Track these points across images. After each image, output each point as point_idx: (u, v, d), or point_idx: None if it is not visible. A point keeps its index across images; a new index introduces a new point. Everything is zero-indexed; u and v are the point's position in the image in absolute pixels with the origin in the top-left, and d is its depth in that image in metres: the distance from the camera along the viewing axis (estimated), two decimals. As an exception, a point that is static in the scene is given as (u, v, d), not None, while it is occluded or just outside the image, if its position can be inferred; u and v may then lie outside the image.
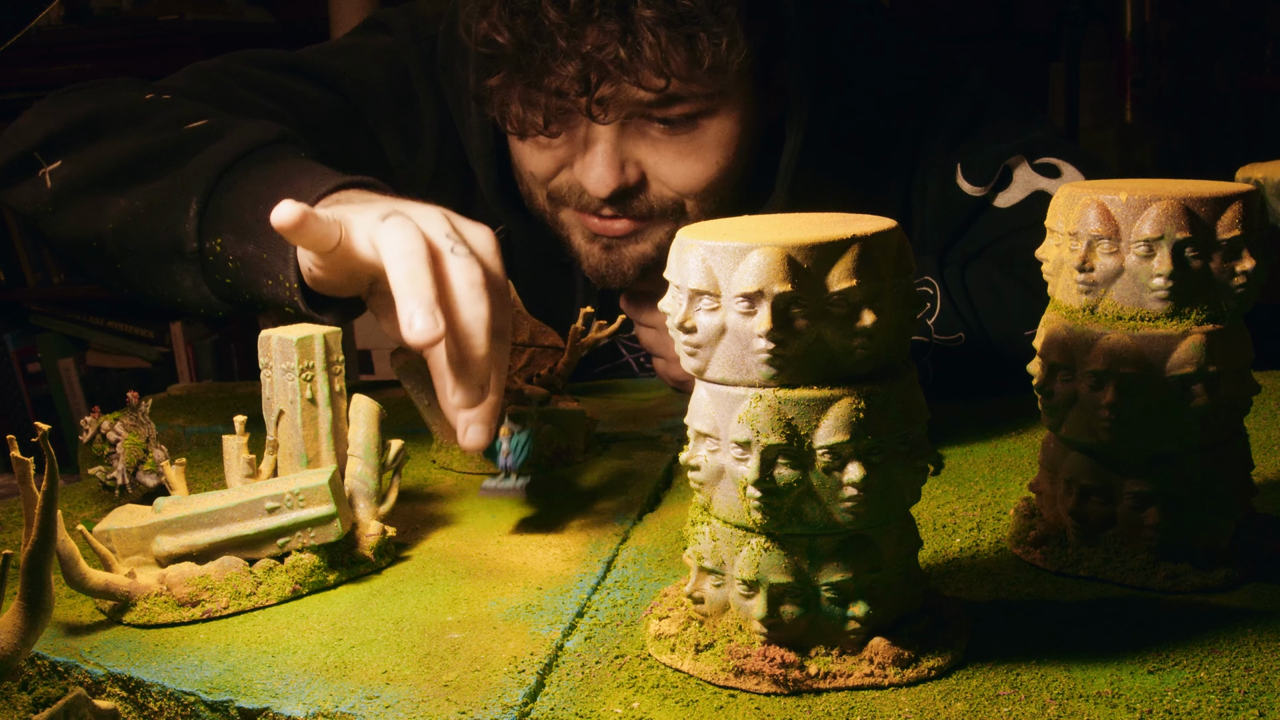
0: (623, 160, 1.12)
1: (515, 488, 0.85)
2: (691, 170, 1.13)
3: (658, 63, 1.04)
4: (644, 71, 1.04)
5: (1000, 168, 1.24)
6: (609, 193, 1.12)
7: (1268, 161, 0.83)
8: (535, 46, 1.04)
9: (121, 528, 0.81)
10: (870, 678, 0.66)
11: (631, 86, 1.05)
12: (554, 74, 1.05)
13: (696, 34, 1.03)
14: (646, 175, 1.14)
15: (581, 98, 1.06)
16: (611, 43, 1.02)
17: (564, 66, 1.04)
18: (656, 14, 1.02)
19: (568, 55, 1.04)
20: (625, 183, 1.12)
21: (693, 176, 1.14)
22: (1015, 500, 0.89)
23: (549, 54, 1.04)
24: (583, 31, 1.03)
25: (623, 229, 1.16)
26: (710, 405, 0.66)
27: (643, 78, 1.05)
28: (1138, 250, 0.74)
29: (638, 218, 1.16)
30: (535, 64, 1.05)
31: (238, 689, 0.68)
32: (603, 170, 1.11)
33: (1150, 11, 2.98)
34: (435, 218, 0.86)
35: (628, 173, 1.12)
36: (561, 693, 0.67)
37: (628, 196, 1.14)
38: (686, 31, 1.03)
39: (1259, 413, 1.08)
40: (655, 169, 1.13)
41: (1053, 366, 0.78)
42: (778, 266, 0.61)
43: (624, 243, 1.17)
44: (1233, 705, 0.62)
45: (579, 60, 1.04)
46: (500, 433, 0.85)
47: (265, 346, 0.86)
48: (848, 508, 0.64)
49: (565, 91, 1.06)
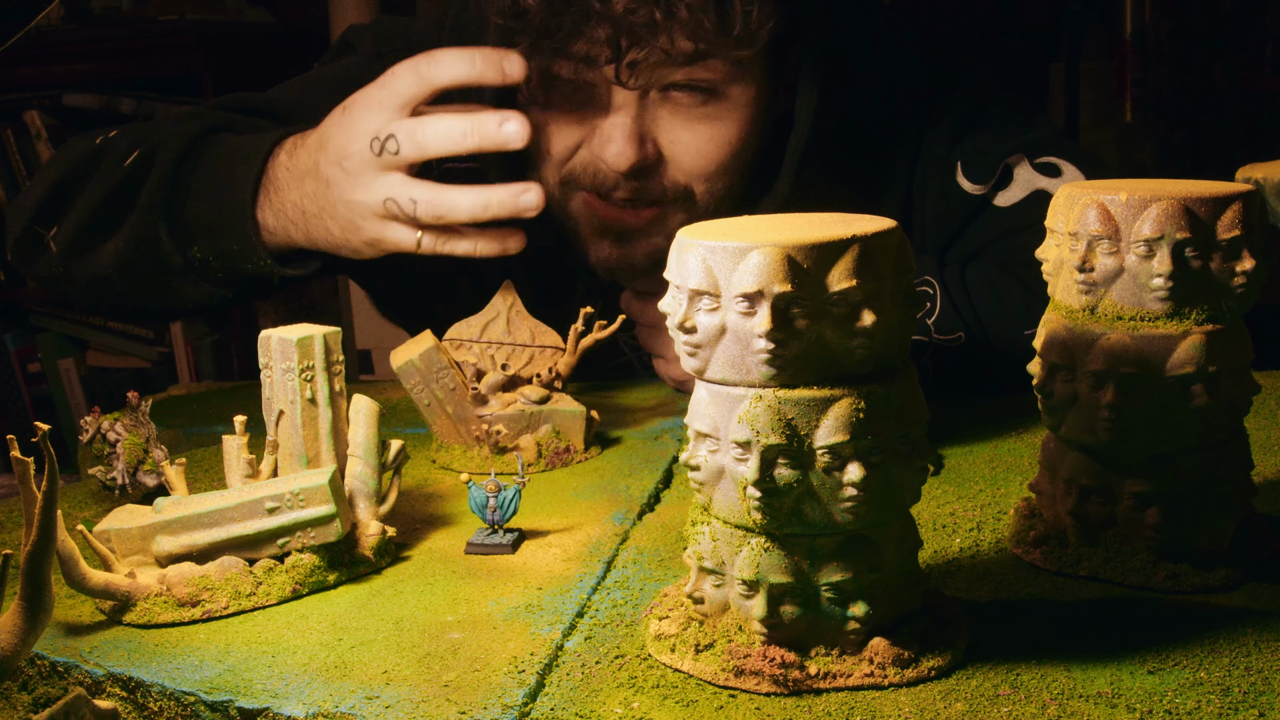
0: (642, 135, 1.12)
1: (502, 543, 0.86)
2: (705, 149, 1.14)
3: (690, 26, 1.04)
4: (676, 34, 1.05)
5: (1000, 166, 1.24)
6: (629, 166, 1.11)
7: (1268, 161, 0.83)
8: (565, 10, 1.04)
9: (121, 528, 0.81)
10: (870, 678, 0.66)
11: (660, 53, 1.06)
12: (584, 38, 1.05)
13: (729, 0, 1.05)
14: (663, 154, 1.14)
15: (610, 64, 1.06)
16: (644, 5, 1.03)
17: (595, 30, 1.04)
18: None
19: (600, 18, 1.04)
20: (645, 157, 1.12)
21: (706, 155, 1.14)
22: (1015, 500, 0.89)
23: (580, 17, 1.04)
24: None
25: (636, 222, 1.16)
26: (710, 405, 0.66)
27: (675, 41, 1.05)
28: (1138, 250, 0.74)
29: (650, 203, 1.15)
30: (564, 29, 1.05)
31: (238, 689, 0.68)
32: (623, 144, 1.11)
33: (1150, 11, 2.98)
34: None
35: (647, 148, 1.13)
36: (561, 693, 0.67)
37: (644, 175, 1.14)
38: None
39: (1259, 413, 1.08)
40: (670, 148, 1.14)
41: (1053, 366, 0.78)
42: (778, 266, 0.61)
43: (636, 235, 1.18)
44: (1233, 705, 0.62)
45: (610, 24, 1.04)
46: (487, 489, 0.86)
47: (265, 346, 0.86)
48: (848, 508, 0.64)
49: (595, 57, 1.07)
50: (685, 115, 1.12)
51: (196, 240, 1.17)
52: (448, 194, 1.07)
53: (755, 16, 1.05)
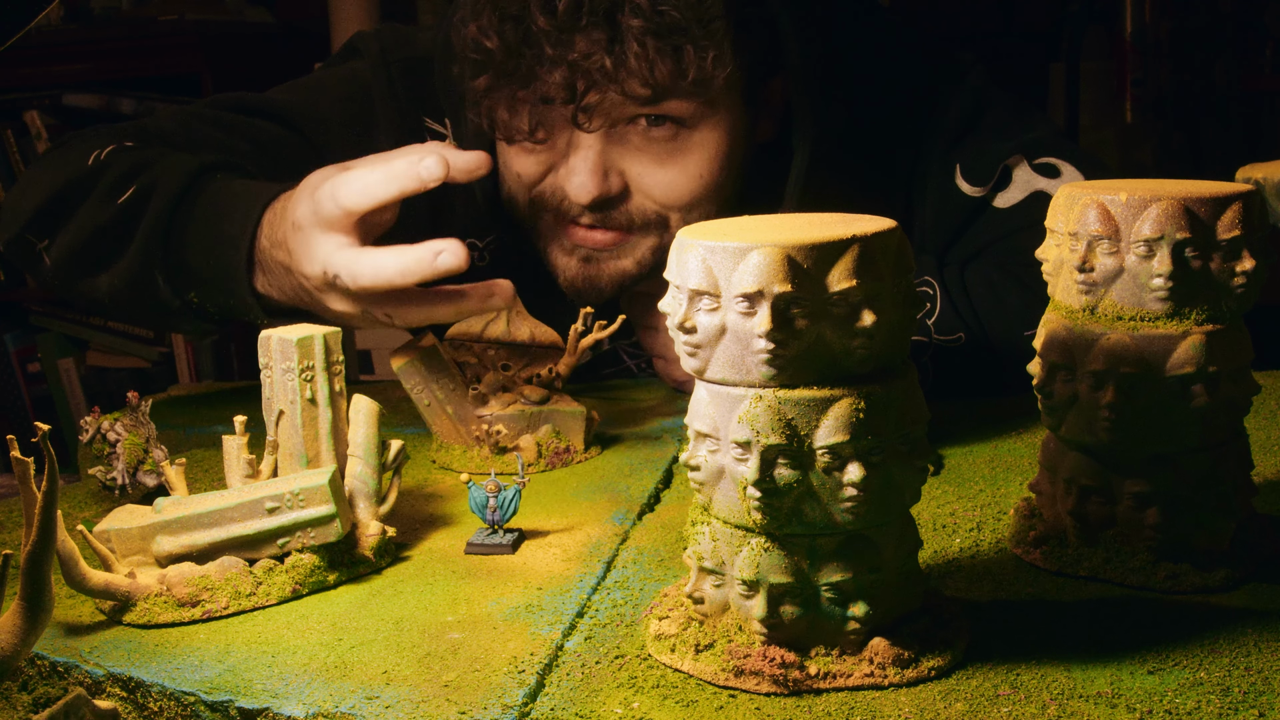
0: (606, 168, 1.11)
1: (502, 543, 0.86)
2: (674, 182, 1.13)
3: (643, 73, 1.04)
4: (629, 81, 1.04)
5: (1000, 168, 1.24)
6: (590, 200, 1.11)
7: (1268, 161, 0.83)
8: (523, 52, 1.04)
9: (121, 528, 0.81)
10: (870, 678, 0.66)
11: (617, 95, 1.06)
12: (541, 80, 1.05)
13: (683, 46, 1.04)
14: (630, 186, 1.13)
15: (568, 105, 1.06)
16: (598, 51, 1.03)
17: (551, 73, 1.04)
18: (643, 24, 1.02)
19: (555, 62, 1.04)
20: (607, 191, 1.12)
21: (675, 188, 1.13)
22: (1015, 500, 0.89)
23: (536, 60, 1.04)
24: (570, 39, 1.03)
25: (603, 241, 1.15)
26: (710, 405, 0.66)
27: (628, 87, 1.05)
28: (1138, 250, 0.74)
29: (618, 229, 1.15)
30: (523, 70, 1.06)
31: (238, 689, 0.68)
32: (585, 177, 1.10)
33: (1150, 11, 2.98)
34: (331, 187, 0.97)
35: (611, 181, 1.12)
36: (561, 693, 0.67)
37: (609, 206, 1.13)
38: (673, 43, 1.03)
39: (1259, 413, 1.08)
40: (638, 180, 1.13)
41: (1053, 366, 0.78)
42: (778, 266, 0.61)
43: (604, 256, 1.17)
44: (1233, 705, 0.62)
45: (566, 68, 1.04)
46: (487, 489, 0.86)
47: (265, 346, 0.86)
48: (848, 508, 0.64)
49: (552, 98, 1.07)
50: (653, 149, 1.11)
51: (194, 289, 1.14)
52: (365, 260, 0.98)
53: (709, 63, 1.05)
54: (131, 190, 1.18)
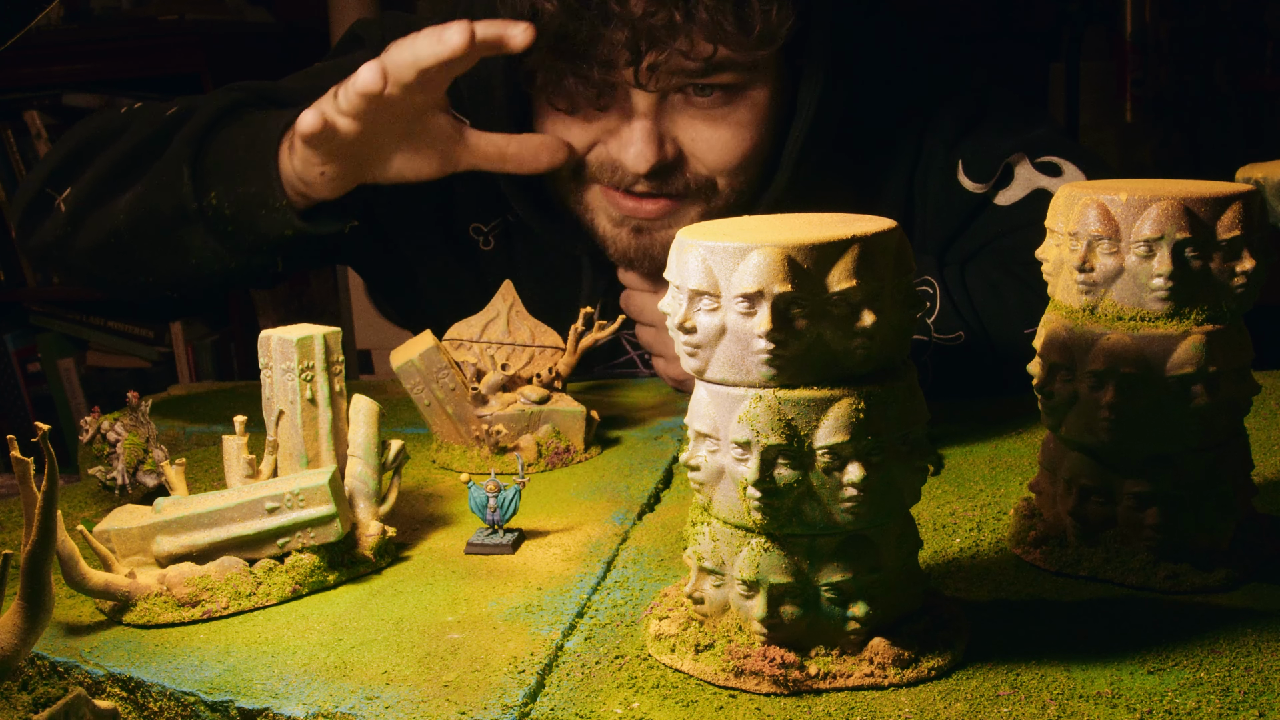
0: (661, 136, 1.12)
1: (502, 543, 0.86)
2: (727, 145, 1.14)
3: (710, 26, 1.04)
4: (695, 36, 1.05)
5: (1002, 165, 1.24)
6: (649, 168, 1.12)
7: (1268, 161, 0.83)
8: (584, 14, 1.04)
9: (121, 528, 0.81)
10: (870, 678, 0.66)
11: (679, 54, 1.06)
12: (604, 41, 1.05)
13: (748, 0, 1.04)
14: (684, 151, 1.14)
15: (629, 67, 1.06)
16: (664, 8, 1.03)
17: (615, 33, 1.04)
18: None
19: (619, 20, 1.04)
20: (664, 159, 1.13)
21: (728, 151, 1.14)
22: (1015, 500, 0.89)
23: (599, 20, 1.04)
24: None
25: (654, 210, 1.16)
26: (710, 405, 0.66)
27: (695, 42, 1.05)
28: (1138, 250, 0.74)
29: (672, 196, 1.16)
30: (583, 33, 1.05)
31: (238, 689, 0.68)
32: (643, 146, 1.11)
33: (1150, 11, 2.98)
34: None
35: (666, 149, 1.13)
36: (561, 693, 0.67)
37: (664, 174, 1.14)
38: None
39: (1259, 413, 1.08)
40: (692, 145, 1.14)
41: (1053, 366, 0.78)
42: (778, 266, 0.61)
43: (655, 226, 1.17)
44: (1233, 705, 0.62)
45: (629, 27, 1.04)
46: (487, 489, 0.86)
47: (265, 346, 0.86)
48: (848, 508, 0.64)
49: (614, 60, 1.06)
50: (706, 115, 1.13)
51: (215, 184, 1.14)
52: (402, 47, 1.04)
53: (774, 16, 1.05)
54: (175, 108, 1.21)
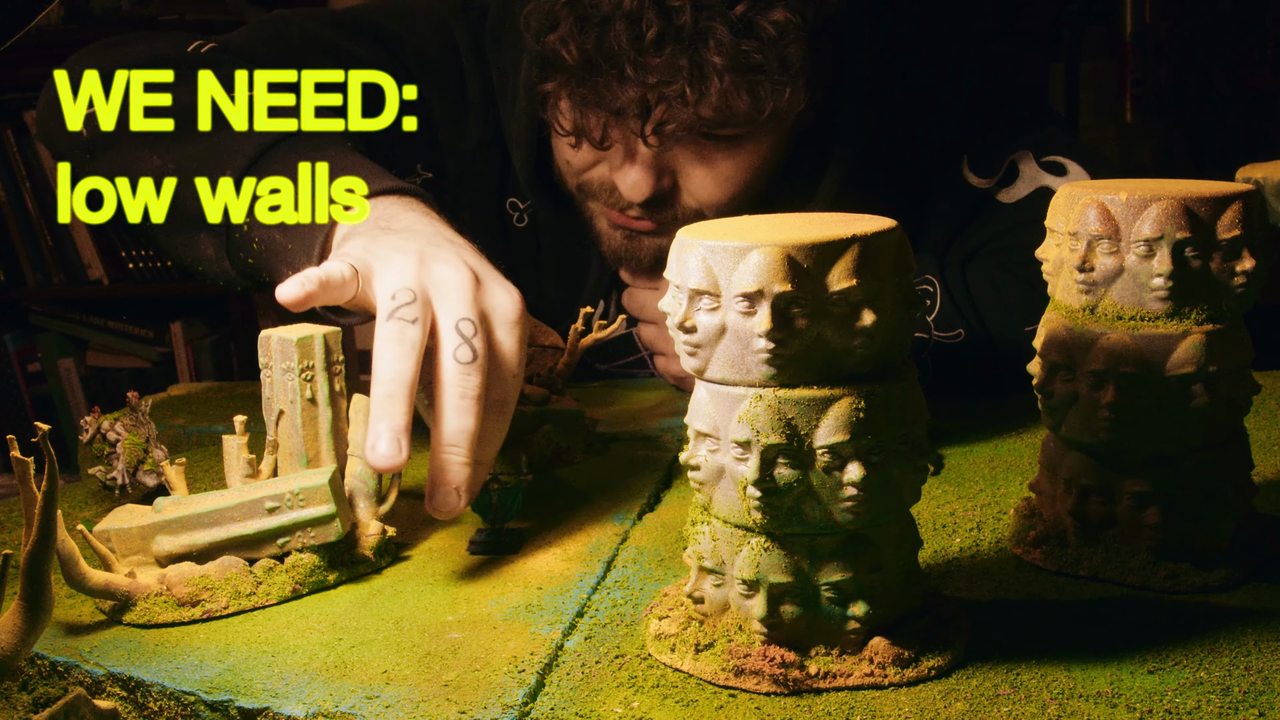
0: (660, 170, 1.13)
1: (503, 543, 0.86)
2: (720, 185, 1.15)
3: (721, 106, 1.05)
4: (704, 108, 1.05)
5: (1006, 161, 1.25)
6: (643, 199, 1.13)
7: (1268, 161, 0.83)
8: (601, 67, 1.05)
9: (121, 528, 0.81)
10: (870, 678, 0.66)
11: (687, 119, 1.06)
12: (615, 95, 1.06)
13: (761, 82, 1.04)
14: (679, 184, 1.15)
15: (638, 120, 1.07)
16: (679, 79, 1.03)
17: (625, 90, 1.05)
18: (726, 61, 1.02)
19: (632, 82, 1.04)
20: (660, 191, 1.14)
21: (720, 190, 1.15)
22: (1015, 500, 0.89)
23: (614, 77, 1.05)
24: (650, 63, 1.03)
25: (645, 227, 1.19)
26: (710, 405, 0.66)
27: (702, 113, 1.06)
28: (1138, 250, 0.74)
29: (660, 221, 1.18)
30: (599, 84, 1.06)
31: (238, 689, 0.68)
32: (639, 178, 1.12)
33: (1150, 11, 2.98)
34: (455, 290, 0.82)
35: (663, 181, 1.14)
36: (561, 693, 0.67)
37: (657, 203, 1.16)
38: (751, 79, 1.04)
39: (1259, 413, 1.08)
40: (687, 181, 1.15)
41: (1053, 366, 0.78)
42: (778, 266, 0.61)
43: (645, 235, 1.20)
44: (1233, 705, 0.62)
45: (642, 87, 1.05)
46: (490, 488, 0.86)
47: (265, 346, 0.86)
48: (848, 507, 0.64)
49: (624, 111, 1.07)
50: (705, 155, 1.13)
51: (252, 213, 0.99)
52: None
53: (787, 98, 1.06)
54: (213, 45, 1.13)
